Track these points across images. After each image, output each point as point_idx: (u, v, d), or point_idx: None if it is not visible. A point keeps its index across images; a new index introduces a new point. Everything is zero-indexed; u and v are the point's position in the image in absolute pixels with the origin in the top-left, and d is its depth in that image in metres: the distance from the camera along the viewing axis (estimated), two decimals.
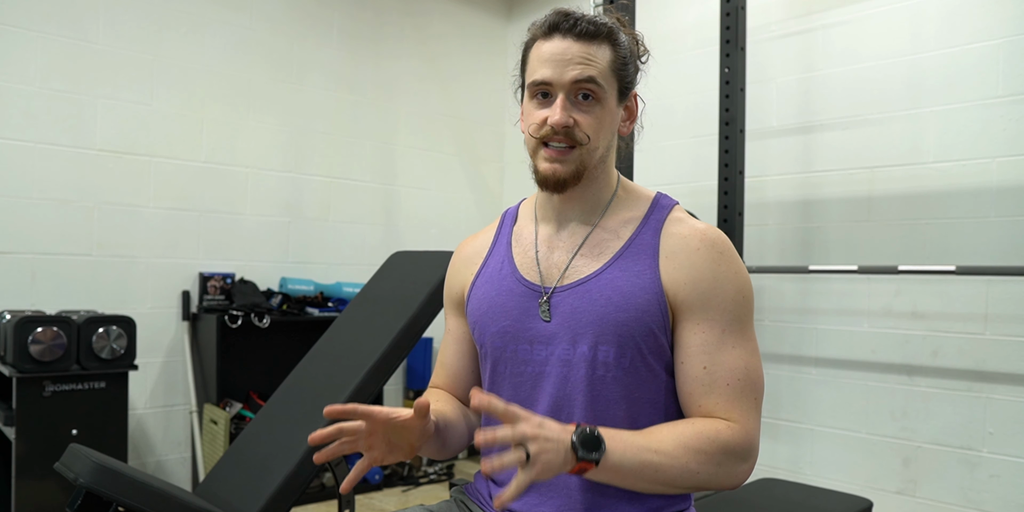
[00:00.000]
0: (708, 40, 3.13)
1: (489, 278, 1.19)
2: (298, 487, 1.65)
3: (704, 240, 1.08)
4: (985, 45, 2.51)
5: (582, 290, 1.09)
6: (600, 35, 1.08)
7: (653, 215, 1.13)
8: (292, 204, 3.46)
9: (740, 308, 1.07)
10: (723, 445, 1.00)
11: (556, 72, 1.07)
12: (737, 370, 1.04)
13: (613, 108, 1.11)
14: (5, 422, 2.37)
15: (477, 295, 1.19)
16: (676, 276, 1.07)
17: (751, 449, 1.03)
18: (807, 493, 1.90)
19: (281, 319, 3.18)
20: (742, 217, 2.64)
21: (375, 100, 3.73)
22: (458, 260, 1.28)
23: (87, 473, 1.41)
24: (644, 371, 1.07)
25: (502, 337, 1.14)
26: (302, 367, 2.00)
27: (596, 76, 1.06)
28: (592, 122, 1.08)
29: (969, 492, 2.51)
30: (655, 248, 1.09)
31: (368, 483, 3.35)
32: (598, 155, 1.10)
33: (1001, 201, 2.47)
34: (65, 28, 2.83)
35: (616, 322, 1.06)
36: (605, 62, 1.08)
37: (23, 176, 2.75)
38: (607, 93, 1.09)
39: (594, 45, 1.08)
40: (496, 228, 1.26)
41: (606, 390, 1.07)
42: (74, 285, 2.86)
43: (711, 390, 1.04)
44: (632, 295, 1.06)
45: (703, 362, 1.05)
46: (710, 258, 1.07)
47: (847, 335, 2.81)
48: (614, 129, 1.13)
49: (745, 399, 1.04)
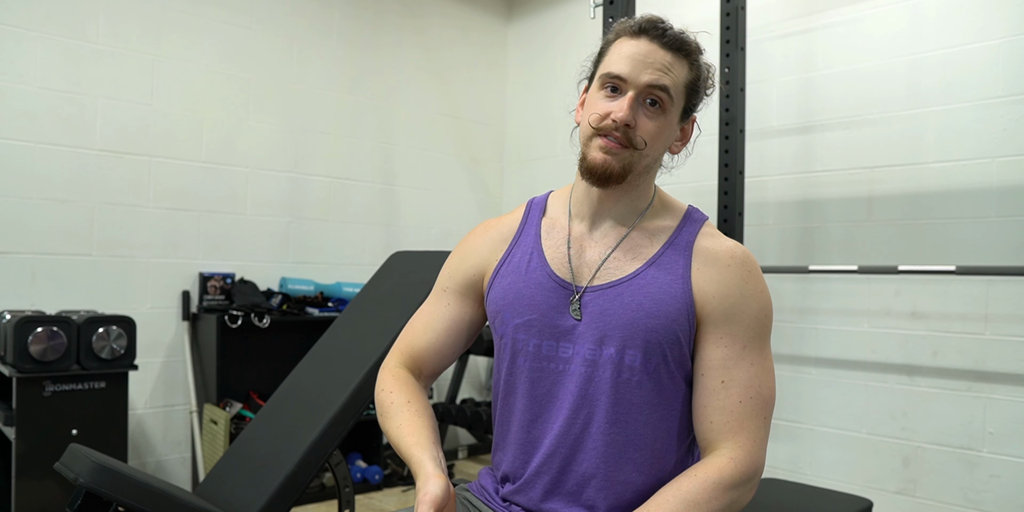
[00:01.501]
0: (708, 40, 3.13)
1: (516, 268, 1.17)
2: (298, 487, 1.65)
3: (735, 257, 1.11)
4: (985, 45, 2.51)
5: (613, 292, 1.10)
6: (683, 50, 1.11)
7: (686, 227, 1.15)
8: (292, 204, 3.46)
9: (762, 326, 1.10)
10: (729, 485, 1.03)
11: (634, 71, 1.08)
12: (752, 388, 1.07)
13: (674, 123, 1.12)
14: (5, 422, 2.37)
15: (502, 284, 1.17)
16: (706, 288, 1.09)
17: (756, 473, 1.06)
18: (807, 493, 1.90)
19: (281, 319, 3.18)
20: (742, 217, 2.64)
21: (375, 100, 3.73)
22: (481, 241, 1.24)
23: (87, 473, 1.41)
24: (666, 379, 1.09)
25: (527, 330, 1.13)
26: (302, 367, 2.00)
27: (670, 86, 1.08)
28: (653, 129, 1.09)
29: (969, 492, 2.51)
30: (688, 259, 1.11)
31: (368, 483, 3.35)
32: (646, 163, 1.11)
33: (1001, 201, 2.47)
34: (65, 28, 2.83)
35: (646, 328, 1.07)
36: (682, 77, 1.10)
37: (23, 176, 2.75)
38: (674, 106, 1.10)
39: (676, 57, 1.10)
40: (523, 216, 1.23)
41: (630, 394, 1.08)
42: (74, 285, 2.86)
43: (725, 405, 1.07)
44: (663, 302, 1.08)
45: (721, 376, 1.07)
46: (739, 275, 1.10)
47: (847, 335, 2.81)
48: (668, 144, 1.14)
49: (755, 418, 1.07)
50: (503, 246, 1.21)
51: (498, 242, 1.22)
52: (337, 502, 1.99)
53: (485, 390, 4.18)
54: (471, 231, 1.28)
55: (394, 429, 1.12)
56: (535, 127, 4.10)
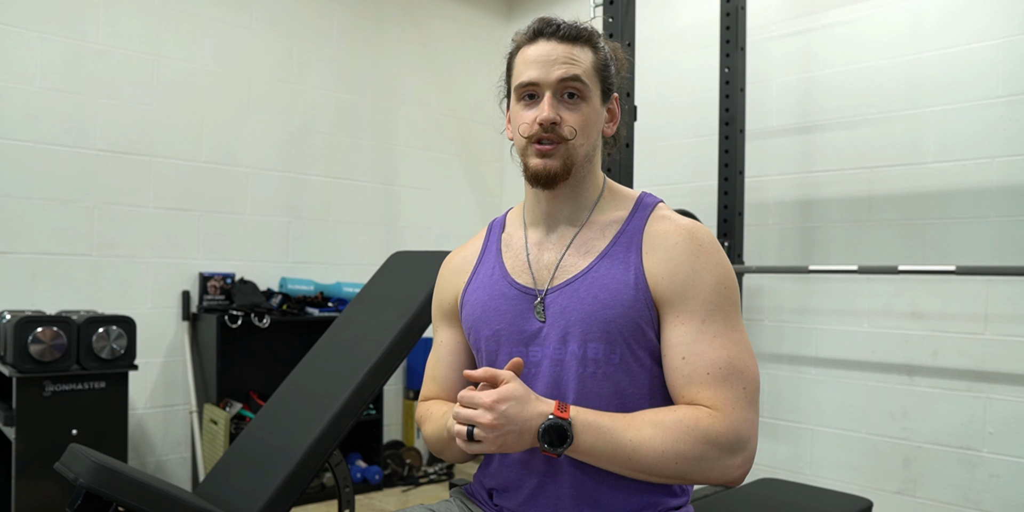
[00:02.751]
0: (708, 40, 3.13)
1: (481, 284, 1.21)
2: (298, 487, 1.65)
3: (683, 234, 1.10)
4: (985, 45, 2.51)
5: (570, 289, 1.12)
6: (581, 38, 1.13)
7: (637, 213, 1.16)
8: (292, 204, 3.46)
9: (721, 299, 1.07)
10: (704, 433, 1.00)
11: (542, 72, 1.11)
12: (718, 360, 1.04)
13: (597, 107, 1.15)
14: (5, 422, 2.37)
15: (470, 301, 1.21)
16: (655, 270, 1.09)
17: (739, 440, 1.01)
18: (807, 493, 1.90)
19: (281, 319, 3.18)
20: (742, 217, 2.64)
21: (375, 100, 3.73)
22: (447, 272, 1.30)
23: (87, 473, 1.41)
24: (635, 366, 1.09)
25: (496, 340, 1.16)
26: (302, 367, 2.00)
27: (581, 74, 1.11)
28: (578, 119, 1.12)
29: (969, 492, 2.51)
30: (639, 245, 1.11)
31: (368, 483, 3.36)
32: (583, 152, 1.13)
33: (1001, 201, 2.47)
34: (65, 28, 2.83)
35: (603, 319, 1.08)
36: (588, 62, 1.13)
37: (23, 176, 2.75)
38: (591, 92, 1.13)
39: (577, 47, 1.13)
40: (484, 238, 1.28)
41: (596, 386, 1.08)
42: (74, 285, 2.86)
43: (691, 380, 1.04)
44: (617, 292, 1.08)
45: (682, 353, 1.05)
46: (688, 251, 1.08)
47: (847, 335, 2.81)
48: (599, 128, 1.17)
49: (729, 388, 1.03)
50: (468, 269, 1.25)
51: (463, 266, 1.27)
52: (337, 502, 1.99)
53: None
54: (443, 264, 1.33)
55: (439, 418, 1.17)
56: None
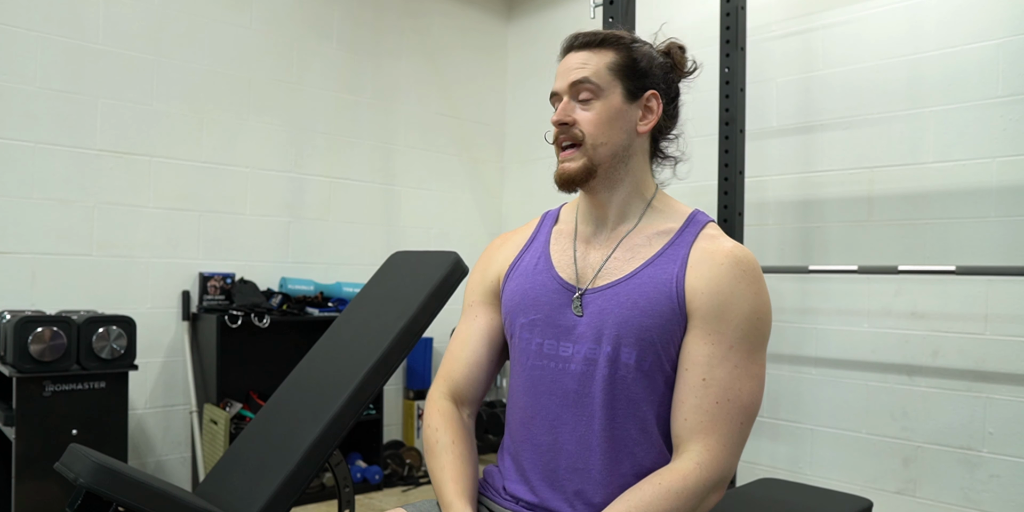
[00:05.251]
0: (708, 40, 3.13)
1: (524, 271, 1.22)
2: (298, 487, 1.65)
3: (729, 256, 1.10)
4: (985, 45, 2.51)
5: (611, 292, 1.12)
6: (596, 42, 1.15)
7: (688, 229, 1.16)
8: (292, 204, 3.46)
9: (753, 329, 1.07)
10: (692, 493, 1.02)
11: (561, 81, 1.16)
12: (732, 390, 1.05)
13: (617, 105, 1.13)
14: (5, 422, 2.37)
15: (511, 287, 1.22)
16: (696, 285, 1.09)
17: (723, 479, 1.05)
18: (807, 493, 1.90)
19: (281, 319, 3.18)
20: (742, 217, 2.64)
21: (375, 100, 3.73)
22: (494, 251, 1.31)
23: (87, 473, 1.41)
24: (661, 376, 1.10)
25: (531, 329, 1.17)
26: (302, 367, 2.00)
27: (590, 76, 1.12)
28: (591, 117, 1.12)
29: (969, 492, 2.51)
30: (685, 259, 1.11)
31: (368, 483, 3.35)
32: (608, 151, 1.13)
33: (1001, 201, 2.47)
34: (65, 28, 2.83)
35: (639, 326, 1.08)
36: (603, 64, 1.13)
37: (23, 176, 2.75)
38: (606, 91, 1.12)
39: (591, 51, 1.14)
40: (535, 226, 1.29)
41: (626, 390, 1.09)
42: (74, 285, 2.86)
43: (701, 404, 1.05)
44: (657, 302, 1.09)
45: (703, 373, 1.06)
46: (732, 274, 1.08)
47: (847, 335, 2.81)
48: (624, 126, 1.15)
49: (730, 422, 1.05)
50: (514, 252, 1.27)
51: (511, 250, 1.28)
52: (337, 502, 1.99)
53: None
54: (489, 244, 1.34)
55: (437, 470, 1.16)
56: (535, 127, 4.09)
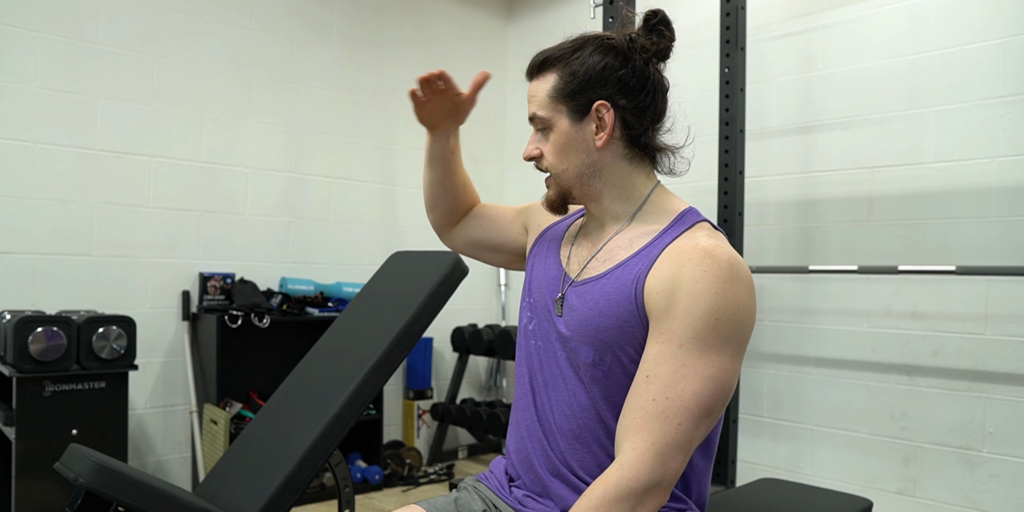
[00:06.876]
0: (708, 40, 3.13)
1: (543, 252, 1.27)
2: (298, 487, 1.65)
3: (699, 253, 1.02)
4: (985, 45, 2.51)
5: (583, 290, 1.14)
6: (540, 68, 1.16)
7: (672, 229, 1.11)
8: (292, 204, 3.46)
9: (709, 329, 0.99)
10: (614, 497, 0.97)
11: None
12: (673, 389, 0.98)
13: (566, 130, 1.14)
14: (5, 422, 2.37)
15: (531, 265, 1.29)
16: (654, 284, 1.04)
17: (653, 483, 0.97)
18: (807, 493, 1.90)
19: (281, 319, 3.18)
20: (742, 217, 2.64)
21: (375, 100, 3.73)
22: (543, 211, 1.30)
23: (87, 473, 1.41)
24: (623, 377, 1.08)
25: (530, 309, 1.23)
26: (302, 367, 2.00)
27: (536, 111, 1.15)
28: (548, 148, 1.17)
29: (969, 492, 2.51)
30: (653, 260, 1.07)
31: (368, 483, 3.35)
32: (572, 174, 1.15)
33: (1001, 201, 2.47)
34: (65, 28, 2.83)
35: (598, 327, 1.09)
36: (544, 93, 1.14)
37: (23, 176, 2.75)
38: (554, 120, 1.15)
39: (537, 79, 1.17)
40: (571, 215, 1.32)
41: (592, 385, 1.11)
42: (74, 285, 2.86)
43: (638, 401, 1.01)
44: (617, 303, 1.07)
45: (648, 371, 1.01)
46: (694, 272, 1.01)
47: (847, 335, 2.81)
48: (581, 146, 1.14)
49: (664, 421, 0.98)
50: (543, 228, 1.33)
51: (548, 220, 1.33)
52: (337, 502, 1.99)
53: (485, 390, 4.18)
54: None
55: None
56: None
